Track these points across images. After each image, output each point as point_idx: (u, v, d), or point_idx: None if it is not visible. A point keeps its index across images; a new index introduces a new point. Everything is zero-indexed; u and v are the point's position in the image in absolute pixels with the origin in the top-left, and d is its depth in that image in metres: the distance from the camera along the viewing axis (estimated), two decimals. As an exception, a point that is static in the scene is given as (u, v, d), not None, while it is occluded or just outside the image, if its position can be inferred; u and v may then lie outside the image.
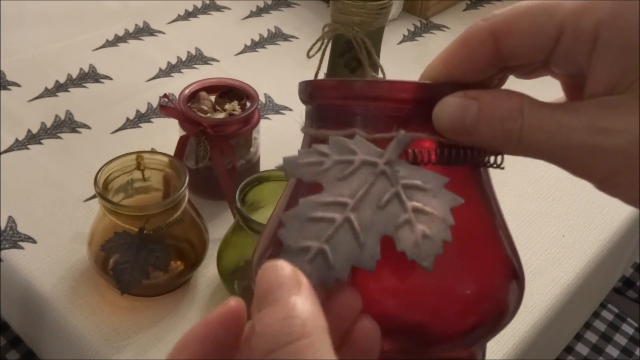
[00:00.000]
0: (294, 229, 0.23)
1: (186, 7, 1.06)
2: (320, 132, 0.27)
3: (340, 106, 0.27)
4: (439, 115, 0.25)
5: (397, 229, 0.23)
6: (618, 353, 1.19)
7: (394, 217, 0.23)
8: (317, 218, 0.23)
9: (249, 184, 0.58)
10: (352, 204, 0.23)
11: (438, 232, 0.23)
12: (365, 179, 0.24)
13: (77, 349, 0.57)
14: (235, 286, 0.58)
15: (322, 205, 0.23)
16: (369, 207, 0.23)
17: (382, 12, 0.58)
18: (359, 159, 0.24)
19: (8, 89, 0.85)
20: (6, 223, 0.66)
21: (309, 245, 0.23)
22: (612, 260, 0.79)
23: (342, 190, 0.24)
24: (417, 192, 0.24)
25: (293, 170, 0.25)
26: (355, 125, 0.25)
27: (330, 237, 0.23)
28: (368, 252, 0.23)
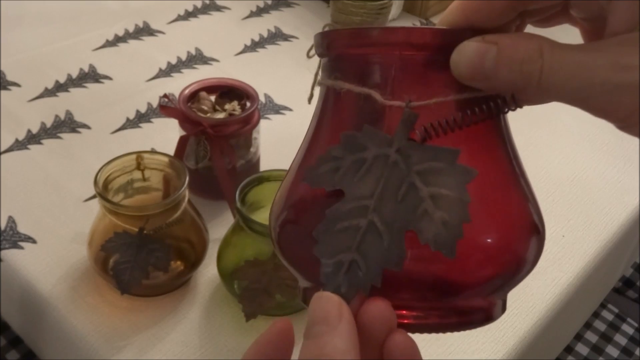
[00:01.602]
0: (326, 244, 0.24)
1: (186, 7, 1.06)
2: (337, 82, 0.26)
3: (356, 55, 0.26)
4: (457, 60, 0.24)
5: (417, 221, 0.23)
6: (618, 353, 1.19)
7: (413, 209, 0.23)
8: (344, 228, 0.24)
9: (249, 184, 0.58)
10: (373, 205, 0.24)
11: (456, 215, 0.23)
12: (381, 174, 0.24)
13: (77, 349, 0.57)
14: (235, 286, 0.58)
15: (346, 213, 0.24)
16: (389, 203, 0.24)
17: (382, 12, 0.58)
18: (371, 154, 0.24)
19: (8, 89, 0.85)
20: (6, 223, 0.66)
21: (341, 259, 0.24)
22: (612, 260, 0.79)
23: (361, 191, 0.24)
24: (431, 174, 0.23)
25: (315, 182, 0.25)
26: (372, 79, 0.25)
27: (359, 245, 0.24)
28: (395, 252, 0.23)
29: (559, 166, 0.80)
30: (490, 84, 0.24)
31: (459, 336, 0.59)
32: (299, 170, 0.28)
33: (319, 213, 0.25)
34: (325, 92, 0.28)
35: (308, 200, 0.27)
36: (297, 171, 0.28)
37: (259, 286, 0.55)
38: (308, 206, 0.27)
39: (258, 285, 0.55)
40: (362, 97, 0.25)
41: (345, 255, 0.24)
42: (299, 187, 0.28)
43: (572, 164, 0.81)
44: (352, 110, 0.26)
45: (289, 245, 0.28)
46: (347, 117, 0.27)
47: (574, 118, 0.88)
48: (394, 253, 0.23)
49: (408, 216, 0.23)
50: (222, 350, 0.56)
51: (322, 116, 0.28)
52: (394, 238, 0.23)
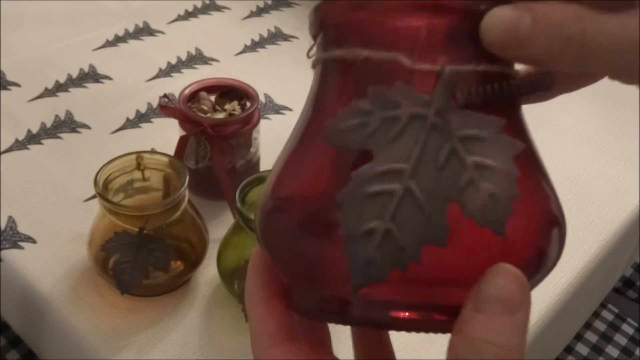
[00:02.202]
0: (352, 211, 0.20)
1: (186, 7, 1.06)
2: (350, 50, 0.23)
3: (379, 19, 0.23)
4: (489, 26, 0.22)
5: (461, 191, 0.20)
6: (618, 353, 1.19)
7: (456, 178, 0.20)
8: (375, 193, 0.20)
9: (249, 184, 0.58)
10: (410, 170, 0.20)
11: (504, 188, 0.20)
12: (417, 137, 0.21)
13: (77, 349, 0.57)
14: (235, 286, 0.58)
15: (377, 176, 0.20)
16: (427, 171, 0.20)
17: (382, 12, 0.58)
18: (405, 113, 0.21)
19: (8, 89, 0.85)
20: (6, 223, 0.66)
21: (373, 227, 0.20)
22: (612, 260, 0.79)
23: (395, 154, 0.21)
24: (474, 143, 0.21)
25: (338, 140, 0.21)
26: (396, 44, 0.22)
27: (394, 214, 0.20)
28: (437, 225, 0.20)
29: (558, 166, 0.80)
30: (524, 52, 0.22)
31: (459, 336, 0.59)
32: (292, 156, 0.25)
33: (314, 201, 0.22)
34: (330, 67, 0.24)
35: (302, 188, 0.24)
36: (288, 157, 0.25)
37: (259, 286, 0.55)
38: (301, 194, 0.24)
39: (258, 285, 0.55)
40: (382, 64, 0.22)
41: (377, 224, 0.20)
42: (293, 173, 0.25)
43: (572, 164, 0.81)
44: (368, 80, 0.23)
45: (275, 237, 0.24)
46: (362, 88, 0.22)
47: (574, 118, 0.88)
48: (437, 226, 0.20)
49: (450, 186, 0.20)
50: (222, 350, 0.56)
51: (326, 94, 0.25)
52: (435, 209, 0.20)
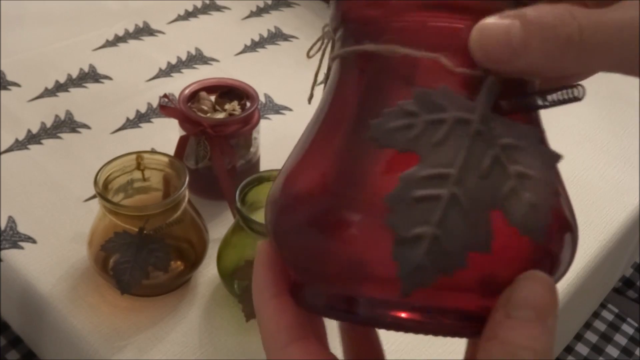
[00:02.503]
0: (402, 214, 0.20)
1: (186, 7, 1.06)
2: (385, 47, 0.22)
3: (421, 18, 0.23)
4: (478, 40, 0.21)
5: (504, 200, 0.20)
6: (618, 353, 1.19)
7: (499, 186, 0.20)
8: (422, 197, 0.20)
9: (249, 184, 0.58)
10: (455, 175, 0.20)
11: (545, 199, 0.21)
12: (462, 142, 0.21)
13: (77, 349, 0.57)
14: (235, 286, 0.58)
15: (423, 179, 0.20)
16: (472, 177, 0.20)
17: (382, 12, 0.58)
18: (450, 116, 0.21)
19: (8, 89, 0.85)
20: (6, 223, 0.66)
21: (421, 233, 0.20)
22: (612, 260, 0.79)
23: (440, 158, 0.21)
24: (516, 152, 0.21)
25: (384, 139, 0.21)
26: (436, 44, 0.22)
27: (441, 220, 0.20)
28: (481, 233, 0.20)
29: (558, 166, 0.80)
30: (521, 62, 0.21)
31: (459, 336, 0.59)
32: (309, 151, 0.25)
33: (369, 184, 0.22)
34: (356, 62, 0.24)
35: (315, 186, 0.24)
36: (305, 153, 0.25)
37: (259, 286, 0.55)
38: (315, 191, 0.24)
39: (258, 285, 0.55)
40: (420, 63, 0.22)
41: (424, 229, 0.20)
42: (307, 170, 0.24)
43: (572, 164, 0.81)
44: (404, 78, 0.23)
45: (286, 233, 0.24)
46: (392, 85, 0.23)
47: (574, 118, 0.88)
48: (481, 234, 0.20)
49: (493, 194, 0.20)
50: (222, 350, 0.56)
51: (349, 89, 0.25)
52: (480, 216, 0.20)
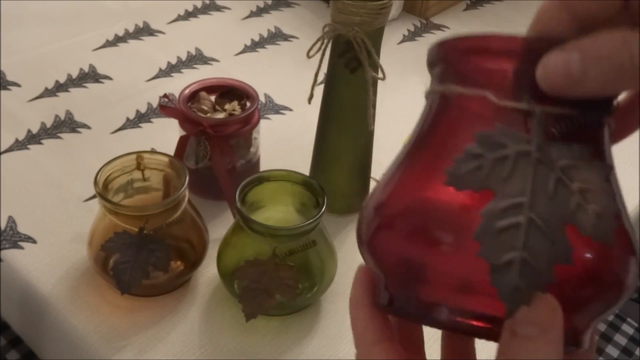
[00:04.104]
0: (491, 246, 0.23)
1: (186, 7, 1.06)
2: (447, 87, 0.27)
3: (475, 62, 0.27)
4: (543, 74, 0.24)
5: (573, 214, 0.23)
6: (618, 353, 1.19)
7: (566, 204, 0.24)
8: (504, 227, 0.23)
9: (249, 184, 0.58)
10: (528, 202, 0.23)
11: (607, 206, 0.24)
12: (527, 171, 0.24)
13: (77, 349, 0.57)
14: (235, 286, 0.58)
15: (502, 212, 0.24)
16: (542, 200, 0.23)
17: (382, 12, 0.58)
18: (512, 152, 0.24)
19: (8, 89, 0.85)
20: (6, 223, 0.66)
21: (511, 258, 0.23)
22: (612, 260, 0.79)
23: (512, 189, 0.24)
24: (573, 170, 0.24)
25: (460, 184, 0.25)
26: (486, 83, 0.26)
27: (525, 243, 0.23)
28: (561, 246, 0.23)
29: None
30: (582, 89, 0.24)
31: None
32: (415, 175, 0.28)
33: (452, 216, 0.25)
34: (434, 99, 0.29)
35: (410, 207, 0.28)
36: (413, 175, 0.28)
37: (259, 286, 0.55)
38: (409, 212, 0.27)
39: (258, 285, 0.55)
40: (472, 100, 0.26)
41: (513, 254, 0.23)
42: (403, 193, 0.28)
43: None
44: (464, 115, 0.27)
45: (383, 248, 0.28)
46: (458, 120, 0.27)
47: (574, 118, 0.88)
48: (561, 248, 0.23)
49: (563, 211, 0.23)
50: (222, 350, 0.56)
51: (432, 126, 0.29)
52: (557, 233, 0.23)
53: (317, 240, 0.57)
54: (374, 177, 0.71)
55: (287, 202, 0.61)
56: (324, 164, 0.69)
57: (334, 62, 0.62)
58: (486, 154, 0.24)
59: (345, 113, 0.64)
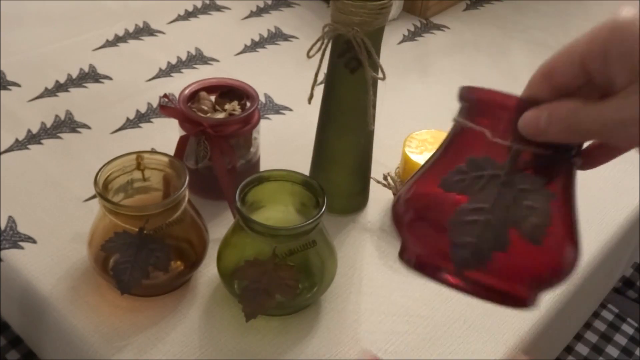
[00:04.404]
0: (456, 231, 0.35)
1: (186, 7, 1.07)
2: (461, 120, 0.38)
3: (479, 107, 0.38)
4: (522, 124, 0.35)
5: (517, 222, 0.34)
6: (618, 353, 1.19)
7: (515, 214, 0.34)
8: (468, 221, 0.34)
9: (249, 184, 0.58)
10: (489, 208, 0.34)
11: (542, 221, 0.34)
12: (494, 188, 0.35)
13: (77, 349, 0.57)
14: (235, 286, 0.58)
15: (470, 211, 0.35)
16: (499, 208, 0.34)
17: (382, 12, 0.58)
18: (487, 174, 0.35)
19: (8, 89, 0.85)
20: (6, 223, 0.66)
21: (468, 242, 0.34)
22: (612, 260, 0.79)
23: (480, 198, 0.35)
24: (527, 193, 0.34)
25: (448, 187, 0.36)
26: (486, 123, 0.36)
27: (478, 234, 0.34)
28: (502, 240, 0.34)
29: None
30: (547, 137, 0.34)
31: (459, 336, 0.60)
32: (429, 177, 0.39)
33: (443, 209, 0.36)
34: (455, 126, 0.39)
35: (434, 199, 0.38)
36: (428, 178, 0.39)
37: (259, 286, 0.55)
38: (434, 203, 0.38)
39: (258, 285, 0.55)
40: (474, 133, 0.37)
41: (469, 239, 0.34)
42: (429, 189, 0.39)
43: (572, 164, 0.81)
44: (470, 140, 0.38)
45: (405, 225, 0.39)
46: (465, 145, 0.38)
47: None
48: (502, 241, 0.34)
49: (511, 218, 0.34)
50: (222, 350, 0.56)
51: (450, 142, 0.39)
52: (502, 231, 0.34)
53: (317, 240, 0.57)
54: (374, 177, 0.71)
55: (287, 202, 0.61)
56: (324, 164, 0.69)
57: (334, 62, 0.62)
58: (469, 172, 0.35)
59: (345, 113, 0.64)
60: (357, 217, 0.70)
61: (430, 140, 0.70)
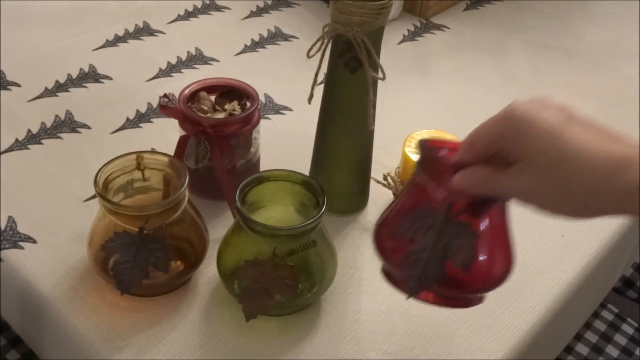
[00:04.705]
0: (408, 267, 0.46)
1: (186, 7, 1.07)
2: (417, 172, 0.49)
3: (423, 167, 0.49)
4: (454, 183, 0.45)
5: (452, 256, 0.45)
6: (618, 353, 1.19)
7: (449, 251, 0.45)
8: (416, 259, 0.46)
9: (249, 184, 0.58)
10: (430, 247, 0.46)
11: (469, 255, 0.46)
12: (433, 233, 0.46)
13: (77, 349, 0.57)
14: (235, 286, 0.58)
15: (416, 251, 0.46)
16: (437, 248, 0.45)
17: (382, 12, 0.58)
18: (428, 222, 0.46)
19: (8, 89, 0.85)
20: (6, 223, 0.66)
21: (416, 273, 0.46)
22: (612, 260, 0.79)
23: (424, 241, 0.46)
24: (458, 235, 0.46)
25: (403, 233, 0.47)
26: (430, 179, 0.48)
27: (423, 267, 0.46)
28: (440, 270, 0.46)
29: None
30: (470, 192, 0.45)
31: (460, 336, 0.60)
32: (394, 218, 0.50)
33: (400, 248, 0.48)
34: (414, 173, 0.49)
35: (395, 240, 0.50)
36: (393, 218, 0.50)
37: (259, 286, 0.55)
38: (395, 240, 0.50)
39: (258, 285, 0.55)
40: (421, 185, 0.48)
41: (417, 272, 0.46)
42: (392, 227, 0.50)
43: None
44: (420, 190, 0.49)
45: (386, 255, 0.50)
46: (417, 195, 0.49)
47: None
48: (440, 271, 0.46)
49: (447, 254, 0.45)
50: (222, 351, 0.56)
51: (410, 185, 0.50)
52: (440, 264, 0.46)
53: (317, 240, 0.57)
54: (374, 177, 0.71)
55: (287, 202, 0.61)
56: (324, 164, 0.69)
57: (334, 62, 0.62)
58: (416, 221, 0.47)
59: (345, 113, 0.64)
60: (357, 217, 0.70)
61: (430, 140, 0.70)
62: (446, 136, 0.71)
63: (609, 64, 1.03)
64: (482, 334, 0.60)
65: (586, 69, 1.01)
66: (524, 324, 0.61)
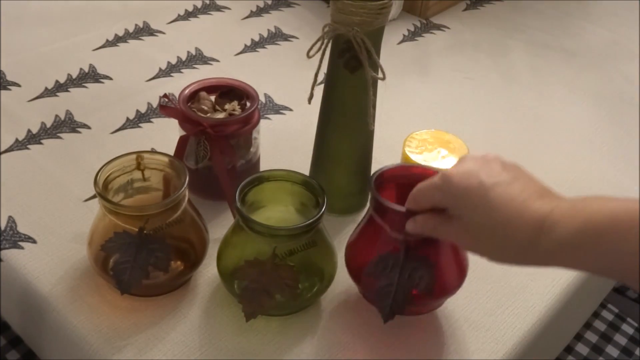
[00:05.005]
0: (380, 299, 0.55)
1: (186, 7, 1.07)
2: (373, 210, 0.58)
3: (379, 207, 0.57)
4: (407, 228, 0.53)
5: (416, 285, 0.55)
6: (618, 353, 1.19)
7: (413, 282, 0.55)
8: (385, 292, 0.55)
9: (249, 184, 0.58)
10: (396, 282, 0.55)
11: (430, 282, 0.55)
12: (397, 270, 0.55)
13: (77, 349, 0.57)
14: (235, 286, 0.58)
15: (385, 286, 0.55)
16: (402, 280, 0.55)
17: (382, 12, 0.58)
18: (390, 262, 0.55)
19: (8, 89, 0.85)
20: (6, 223, 0.66)
21: (387, 303, 0.55)
22: (612, 260, 0.79)
23: (389, 277, 0.55)
24: (419, 269, 0.55)
25: (369, 275, 0.56)
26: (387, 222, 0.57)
27: (393, 297, 0.55)
28: (407, 298, 0.55)
29: (559, 167, 0.80)
30: (422, 235, 0.52)
31: (460, 336, 0.60)
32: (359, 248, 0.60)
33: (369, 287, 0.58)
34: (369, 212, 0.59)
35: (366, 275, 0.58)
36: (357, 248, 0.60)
37: (259, 286, 0.55)
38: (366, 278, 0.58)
39: (258, 285, 0.55)
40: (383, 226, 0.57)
41: (389, 302, 0.55)
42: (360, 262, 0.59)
43: (573, 165, 0.81)
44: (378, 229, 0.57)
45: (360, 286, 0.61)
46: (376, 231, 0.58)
47: (575, 118, 0.88)
48: (407, 299, 0.55)
49: (412, 284, 0.55)
50: (222, 351, 0.56)
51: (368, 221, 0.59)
52: (407, 292, 0.55)
53: (317, 240, 0.57)
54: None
55: (287, 202, 0.61)
56: (324, 164, 0.69)
57: (334, 62, 0.62)
58: (379, 263, 0.56)
59: (345, 113, 0.64)
60: (357, 217, 0.70)
61: (430, 140, 0.70)
62: (446, 136, 0.71)
63: (609, 64, 1.03)
64: (482, 334, 0.60)
65: (586, 69, 1.01)
66: (524, 324, 0.61)
